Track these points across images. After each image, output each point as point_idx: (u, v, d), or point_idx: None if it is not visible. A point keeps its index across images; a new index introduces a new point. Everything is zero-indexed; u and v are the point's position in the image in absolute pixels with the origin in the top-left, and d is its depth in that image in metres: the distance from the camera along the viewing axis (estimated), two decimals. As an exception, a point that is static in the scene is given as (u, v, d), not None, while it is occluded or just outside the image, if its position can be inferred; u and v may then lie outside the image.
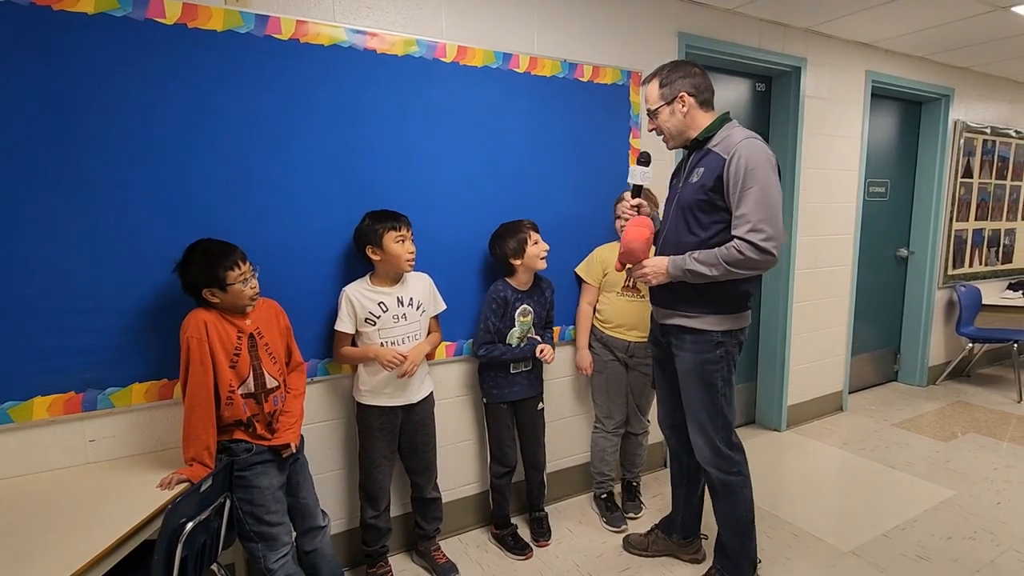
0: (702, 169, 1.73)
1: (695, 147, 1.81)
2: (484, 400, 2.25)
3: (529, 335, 2.22)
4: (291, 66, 1.84)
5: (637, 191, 1.89)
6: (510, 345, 2.18)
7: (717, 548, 1.99)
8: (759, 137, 1.70)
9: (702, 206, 1.72)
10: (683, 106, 1.77)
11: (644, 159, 1.87)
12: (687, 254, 1.72)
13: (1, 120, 1.50)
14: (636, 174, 1.86)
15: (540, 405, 2.31)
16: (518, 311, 2.18)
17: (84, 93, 1.58)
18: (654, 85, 1.82)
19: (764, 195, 1.62)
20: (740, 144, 1.66)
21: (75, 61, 1.56)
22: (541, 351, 2.18)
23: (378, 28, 1.98)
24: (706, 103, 1.79)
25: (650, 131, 1.91)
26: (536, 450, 2.31)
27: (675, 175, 1.93)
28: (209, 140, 1.75)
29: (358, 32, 1.94)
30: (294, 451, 1.69)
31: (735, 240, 1.64)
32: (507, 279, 2.19)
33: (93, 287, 1.63)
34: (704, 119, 1.79)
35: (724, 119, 1.78)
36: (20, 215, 1.54)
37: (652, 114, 1.84)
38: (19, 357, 1.57)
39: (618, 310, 2.35)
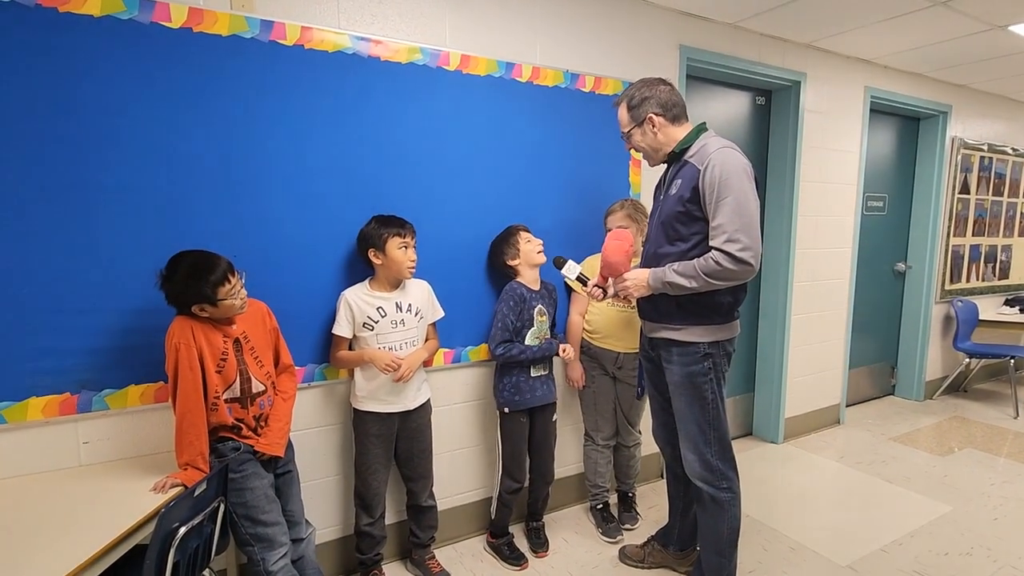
0: (680, 181, 1.74)
1: (673, 160, 1.82)
2: (505, 410, 2.16)
3: (546, 336, 2.20)
4: (295, 72, 1.85)
5: (583, 281, 1.99)
6: (529, 345, 2.14)
7: (695, 563, 1.98)
8: (735, 146, 1.70)
9: (681, 218, 1.72)
10: (653, 127, 1.78)
11: (558, 263, 2.00)
12: (667, 266, 1.72)
13: (3, 120, 1.50)
14: (569, 273, 1.99)
15: (554, 416, 2.27)
16: (535, 310, 2.15)
17: (87, 95, 1.58)
18: (623, 109, 1.84)
19: (739, 205, 1.61)
20: (714, 154, 1.66)
21: (79, 63, 1.57)
22: (564, 350, 2.15)
23: (382, 36, 1.99)
24: (677, 118, 1.79)
25: (628, 151, 1.92)
26: (548, 462, 2.28)
27: (658, 188, 1.93)
28: (211, 143, 1.75)
29: (362, 39, 1.95)
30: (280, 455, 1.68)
31: (712, 251, 1.64)
32: (518, 280, 2.17)
33: (90, 288, 1.63)
34: (679, 132, 1.79)
35: (700, 129, 1.79)
36: (19, 215, 1.53)
37: (625, 136, 1.86)
38: (14, 357, 1.56)
39: (607, 320, 2.33)
